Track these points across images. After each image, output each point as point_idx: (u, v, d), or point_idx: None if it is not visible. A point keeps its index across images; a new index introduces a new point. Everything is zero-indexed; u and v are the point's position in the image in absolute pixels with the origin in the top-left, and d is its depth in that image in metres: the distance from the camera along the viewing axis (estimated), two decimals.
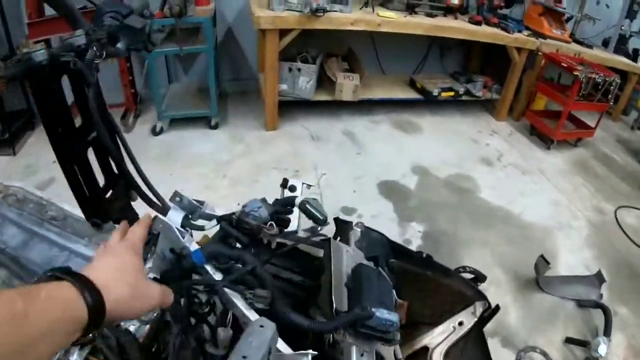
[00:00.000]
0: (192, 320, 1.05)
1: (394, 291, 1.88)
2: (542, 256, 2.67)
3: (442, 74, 4.86)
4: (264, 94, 4.02)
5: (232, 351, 0.81)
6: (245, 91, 4.69)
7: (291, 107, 4.25)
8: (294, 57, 4.08)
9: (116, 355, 0.97)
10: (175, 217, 1.04)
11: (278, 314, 0.98)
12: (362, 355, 1.16)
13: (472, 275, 2.07)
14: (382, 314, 1.08)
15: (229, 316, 1.02)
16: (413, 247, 2.91)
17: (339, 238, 1.60)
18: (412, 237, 2.97)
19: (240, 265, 1.03)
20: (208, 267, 1.02)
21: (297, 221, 1.32)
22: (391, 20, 3.83)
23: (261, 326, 0.85)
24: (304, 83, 3.99)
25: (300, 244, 1.36)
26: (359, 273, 1.31)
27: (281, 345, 0.93)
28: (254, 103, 4.39)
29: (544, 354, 2.34)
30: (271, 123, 4.05)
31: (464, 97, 4.50)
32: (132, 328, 0.96)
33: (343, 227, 1.72)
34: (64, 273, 0.60)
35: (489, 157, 3.98)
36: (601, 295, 2.65)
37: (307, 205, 1.18)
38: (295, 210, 1.24)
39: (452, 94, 4.44)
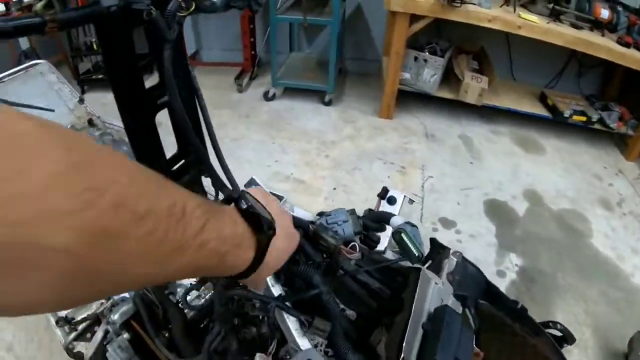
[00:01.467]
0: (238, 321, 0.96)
1: (473, 338, 1.77)
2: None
3: (577, 95, 4.40)
4: (385, 80, 3.88)
5: None
6: (367, 73, 4.56)
7: (410, 98, 4.08)
8: (422, 47, 3.87)
9: (158, 324, 0.97)
10: None
11: (334, 348, 0.87)
12: None
13: (560, 334, 1.90)
14: None
15: (272, 344, 0.91)
16: (507, 280, 2.74)
17: (429, 263, 1.49)
18: (508, 269, 2.79)
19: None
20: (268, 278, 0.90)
21: (387, 240, 1.18)
22: (533, 24, 3.47)
23: (309, 359, 0.77)
24: (428, 76, 3.79)
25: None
26: (441, 316, 1.10)
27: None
28: (373, 87, 4.27)
29: None
30: (386, 111, 3.92)
31: (596, 126, 4.06)
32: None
33: (438, 251, 1.60)
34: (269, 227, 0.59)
35: (609, 200, 3.60)
36: None
37: (403, 236, 1.05)
38: (389, 232, 1.12)
39: (584, 119, 4.02)
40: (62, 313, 1.43)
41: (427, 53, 3.78)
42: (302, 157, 3.32)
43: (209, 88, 4.25)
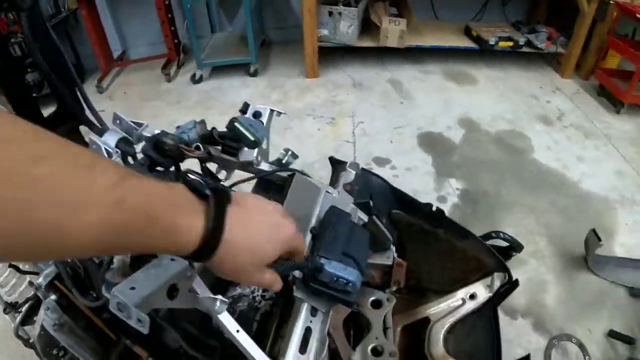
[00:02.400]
0: None
1: (393, 247, 1.59)
2: (593, 230, 2.20)
3: (503, 24, 4.30)
4: (304, 41, 3.73)
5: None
6: (291, 40, 4.45)
7: (335, 54, 3.97)
8: (336, 1, 3.73)
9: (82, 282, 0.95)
10: (110, 139, 0.97)
11: None
12: (313, 315, 0.96)
13: (507, 244, 1.74)
14: (335, 268, 0.86)
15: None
16: (449, 204, 2.60)
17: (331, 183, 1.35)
18: (449, 194, 2.65)
19: None
20: None
21: (256, 150, 1.09)
22: None
23: (172, 259, 0.69)
24: (345, 28, 3.66)
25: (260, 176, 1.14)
26: (328, 218, 1.06)
27: (198, 286, 0.77)
28: (297, 51, 4.13)
29: (581, 345, 1.97)
30: (311, 70, 3.78)
31: (524, 49, 3.96)
32: None
33: (336, 167, 1.44)
34: (212, 190, 0.54)
35: (548, 116, 3.50)
36: None
37: (236, 124, 1.03)
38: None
39: (511, 44, 3.91)
40: (8, 299, 1.34)
41: (340, 6, 3.64)
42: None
43: (139, 83, 4.12)
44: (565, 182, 2.88)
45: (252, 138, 1.03)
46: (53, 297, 1.06)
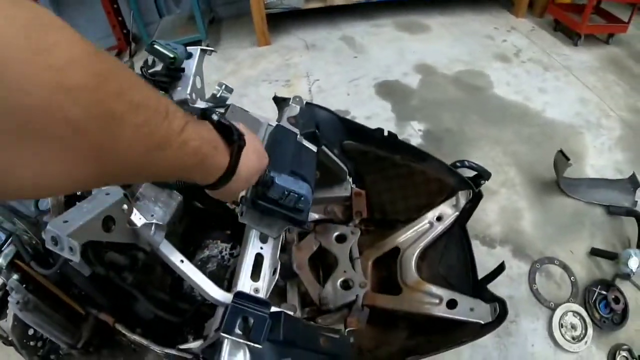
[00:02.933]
0: None
1: (349, 178, 1.53)
2: (561, 151, 2.15)
3: None
4: (252, 9, 3.60)
5: None
6: (241, 14, 4.31)
7: (285, 20, 3.86)
8: None
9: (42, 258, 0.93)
10: None
11: None
12: (263, 241, 0.92)
13: (474, 172, 1.65)
14: (286, 181, 0.81)
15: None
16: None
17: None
18: (411, 136, 2.57)
19: None
20: None
21: (189, 87, 1.08)
22: None
23: (107, 194, 0.72)
24: None
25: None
26: (274, 137, 1.02)
27: (136, 219, 0.78)
28: (248, 23, 4.00)
29: (564, 266, 1.93)
30: (262, 38, 3.66)
31: None
32: None
33: (280, 105, 1.36)
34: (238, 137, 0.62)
35: (505, 54, 3.44)
36: (635, 203, 2.16)
37: (156, 46, 1.02)
38: (190, 78, 1.09)
39: None
40: None
41: None
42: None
43: None
44: (529, 112, 2.83)
45: (170, 55, 1.01)
46: (15, 276, 1.05)
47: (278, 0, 3.57)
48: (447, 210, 1.46)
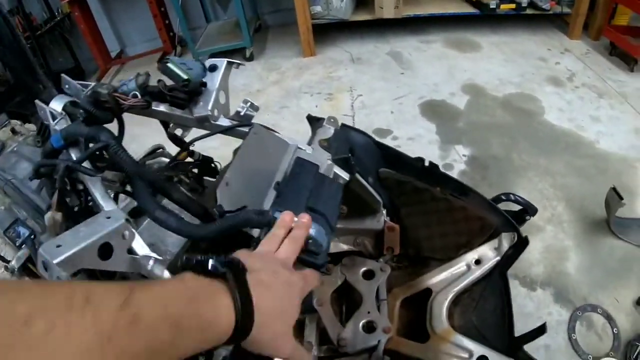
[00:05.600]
0: None
1: (383, 210, 1.37)
2: (613, 188, 1.93)
3: None
4: (297, 20, 3.54)
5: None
6: (286, 23, 4.29)
7: (331, 32, 3.78)
8: None
9: None
10: (57, 104, 0.90)
11: (142, 207, 0.76)
12: None
13: (520, 207, 1.50)
14: None
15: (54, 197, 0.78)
16: (455, 171, 2.37)
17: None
18: (455, 161, 2.42)
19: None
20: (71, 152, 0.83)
21: (210, 103, 0.98)
22: None
23: (108, 217, 0.66)
24: (338, 2, 3.45)
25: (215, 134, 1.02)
26: (294, 171, 0.92)
27: (140, 247, 0.69)
28: (294, 33, 3.93)
29: (608, 316, 1.73)
30: (307, 49, 3.58)
31: (528, 11, 3.68)
32: None
33: (313, 125, 1.25)
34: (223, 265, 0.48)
35: (558, 77, 3.22)
36: None
37: (169, 64, 0.93)
38: (213, 94, 0.98)
39: (513, 6, 3.63)
40: None
41: None
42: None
43: None
44: (581, 142, 2.62)
45: (184, 76, 0.92)
46: (27, 279, 1.03)
47: (325, 11, 3.49)
48: (488, 254, 1.31)
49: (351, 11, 3.51)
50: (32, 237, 1.10)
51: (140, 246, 0.69)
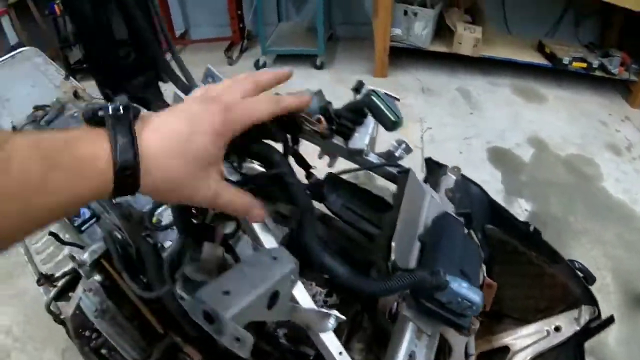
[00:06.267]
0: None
1: (483, 266, 1.45)
2: None
3: (575, 44, 4.08)
4: (375, 38, 3.59)
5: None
6: (358, 37, 4.31)
7: (404, 56, 3.81)
8: (411, 1, 3.57)
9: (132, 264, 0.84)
10: None
11: (306, 248, 0.64)
12: (418, 338, 0.79)
13: (580, 274, 1.59)
14: (461, 287, 0.69)
15: (219, 230, 0.70)
16: None
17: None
18: (518, 214, 2.47)
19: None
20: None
21: (368, 137, 0.87)
22: None
23: (274, 258, 0.54)
24: (420, 29, 3.49)
25: (365, 170, 0.92)
26: (441, 225, 0.88)
27: (300, 295, 0.61)
28: (365, 49, 4.00)
29: None
30: (380, 69, 3.64)
31: (597, 73, 3.74)
32: None
33: (434, 169, 1.26)
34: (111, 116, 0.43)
35: (617, 145, 3.30)
36: None
37: (374, 98, 0.81)
38: (371, 126, 0.85)
39: (584, 65, 3.69)
40: (43, 268, 1.25)
41: (416, 6, 3.49)
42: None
43: (199, 64, 3.94)
44: (634, 216, 2.70)
45: (392, 118, 0.81)
46: (98, 277, 0.94)
47: (404, 35, 3.54)
48: (567, 323, 1.40)
49: (430, 41, 3.57)
50: (95, 219, 1.02)
51: (302, 296, 0.61)
